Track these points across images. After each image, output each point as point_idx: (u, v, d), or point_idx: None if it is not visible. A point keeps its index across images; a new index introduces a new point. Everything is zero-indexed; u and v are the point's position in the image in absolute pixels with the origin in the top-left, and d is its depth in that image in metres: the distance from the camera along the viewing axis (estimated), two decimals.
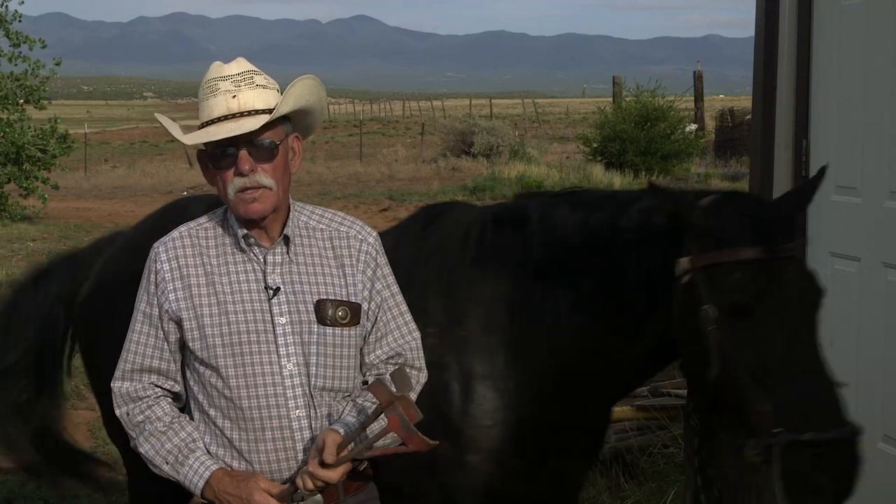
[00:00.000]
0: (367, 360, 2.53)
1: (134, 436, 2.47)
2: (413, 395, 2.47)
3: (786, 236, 2.42)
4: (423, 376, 2.59)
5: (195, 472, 2.38)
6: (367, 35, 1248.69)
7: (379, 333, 2.53)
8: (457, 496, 2.80)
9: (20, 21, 20.05)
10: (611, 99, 27.10)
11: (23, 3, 19.68)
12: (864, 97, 4.33)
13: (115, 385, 2.50)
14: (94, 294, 3.42)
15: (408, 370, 2.50)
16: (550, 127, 44.92)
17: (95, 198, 23.36)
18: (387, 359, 2.54)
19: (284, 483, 2.37)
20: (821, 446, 2.25)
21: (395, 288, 2.58)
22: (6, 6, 19.87)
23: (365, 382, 2.53)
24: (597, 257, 2.67)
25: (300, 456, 2.39)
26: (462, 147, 28.46)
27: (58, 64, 20.06)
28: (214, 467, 2.38)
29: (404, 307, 2.58)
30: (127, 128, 61.16)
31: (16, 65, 19.77)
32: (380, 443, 2.31)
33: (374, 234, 2.58)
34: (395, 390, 2.31)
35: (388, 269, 2.57)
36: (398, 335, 2.55)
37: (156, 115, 2.60)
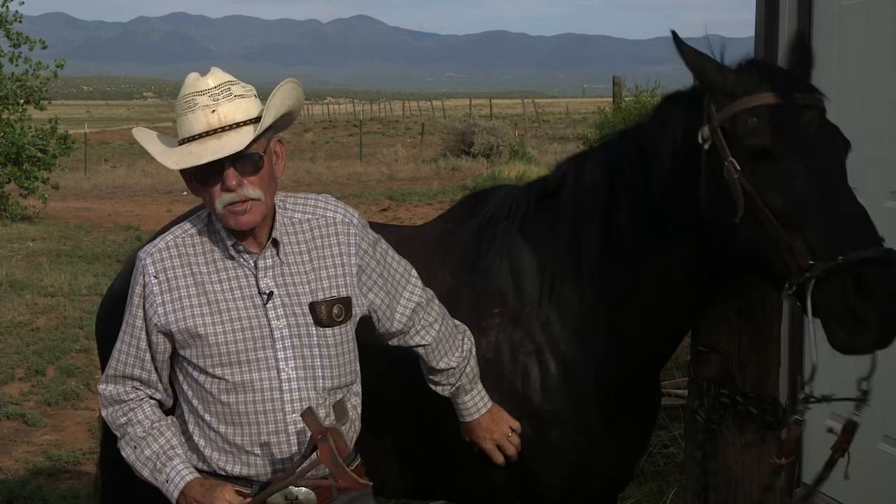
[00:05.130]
0: (392, 329, 2.62)
1: (119, 436, 2.52)
2: (440, 325, 2.64)
3: (803, 89, 2.45)
4: (435, 302, 2.69)
5: (171, 481, 2.41)
6: (367, 35, 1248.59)
7: (388, 301, 2.59)
8: (534, 484, 2.80)
9: (20, 22, 20.05)
10: (611, 99, 27.09)
11: (23, 3, 19.68)
12: (864, 97, 4.33)
13: (101, 387, 2.55)
14: (112, 295, 3.42)
15: (434, 312, 2.65)
16: (550, 127, 44.90)
17: (95, 198, 23.35)
18: (410, 315, 2.62)
19: (254, 496, 2.38)
20: (857, 267, 2.19)
21: (389, 257, 2.61)
22: (7, 7, 19.88)
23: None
24: (630, 180, 2.67)
25: (296, 458, 2.38)
26: (462, 147, 28.43)
27: (59, 66, 20.06)
28: (190, 477, 2.40)
29: (398, 266, 2.63)
30: (127, 128, 60.82)
31: (17, 65, 19.77)
32: (315, 472, 2.32)
33: (357, 214, 2.58)
34: (328, 422, 2.34)
35: (373, 240, 2.58)
36: (405, 293, 2.62)
37: (133, 132, 2.55)
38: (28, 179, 19.54)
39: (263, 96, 2.44)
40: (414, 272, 2.65)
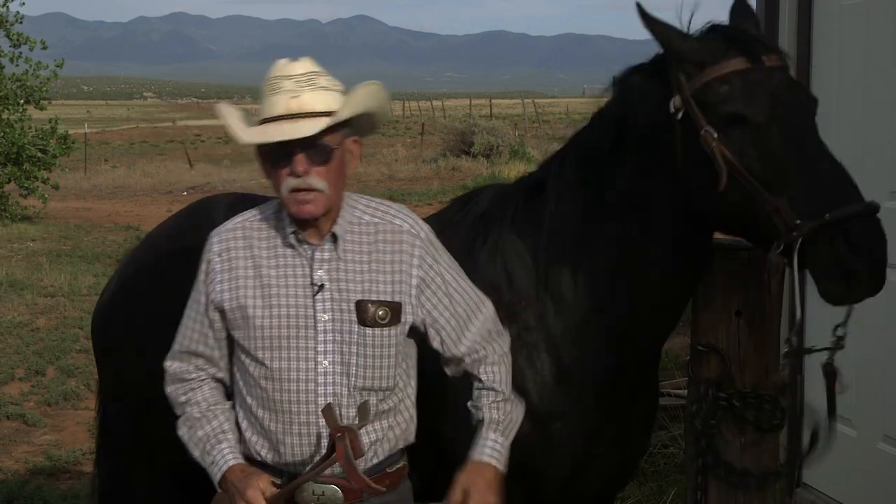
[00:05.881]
0: (456, 353, 2.55)
1: (178, 414, 2.57)
2: (506, 368, 2.57)
3: (767, 50, 2.49)
4: (505, 340, 2.62)
5: (216, 463, 2.46)
6: (367, 35, 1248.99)
7: (454, 323, 2.53)
8: (534, 481, 2.78)
9: (21, 23, 20.05)
10: None
11: (24, 4, 19.70)
12: (864, 97, 4.34)
13: (166, 364, 2.60)
14: (116, 294, 3.41)
15: (495, 338, 2.58)
16: (550, 127, 44.86)
17: (95, 198, 23.36)
18: (480, 340, 2.56)
19: (281, 486, 2.41)
20: (844, 223, 2.27)
21: (457, 283, 2.57)
22: (7, 7, 19.88)
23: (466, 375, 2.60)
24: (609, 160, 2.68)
25: (325, 452, 2.40)
26: (462, 147, 28.44)
27: (59, 66, 20.07)
28: (233, 462, 2.45)
29: (466, 284, 2.58)
30: (127, 128, 61.12)
31: (17, 65, 19.78)
32: (334, 470, 2.34)
33: (427, 227, 2.57)
34: (346, 421, 2.36)
35: (442, 258, 2.56)
36: (474, 318, 2.56)
37: (219, 105, 2.57)
38: (28, 179, 19.54)
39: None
40: (489, 304, 2.60)
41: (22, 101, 19.71)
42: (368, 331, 2.43)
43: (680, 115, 2.48)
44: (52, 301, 10.48)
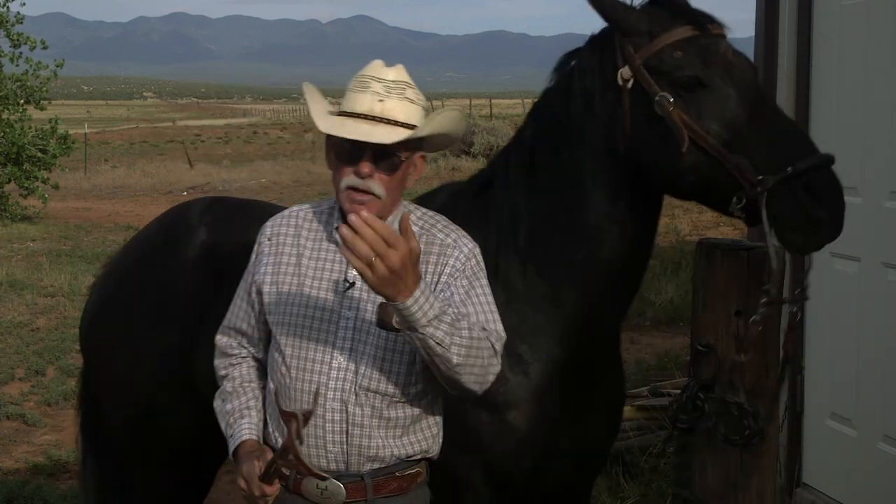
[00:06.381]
0: None
1: (218, 385, 2.65)
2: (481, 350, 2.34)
3: (710, 20, 2.60)
4: (493, 362, 2.41)
5: (233, 436, 2.51)
6: (367, 35, 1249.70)
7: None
8: (498, 471, 2.78)
9: (21, 23, 20.08)
10: None
11: (24, 4, 19.72)
12: (864, 97, 4.34)
13: (216, 338, 2.66)
14: (98, 301, 3.42)
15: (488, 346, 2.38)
16: None
17: (95, 198, 23.37)
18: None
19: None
20: (805, 175, 2.39)
21: (486, 294, 2.49)
22: (7, 7, 19.92)
23: None
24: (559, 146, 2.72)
25: (328, 446, 2.43)
26: (462, 147, 28.45)
27: (59, 66, 20.10)
28: (246, 437, 2.49)
29: (494, 313, 2.46)
30: (127, 128, 61.14)
31: (17, 65, 19.81)
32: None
33: (472, 244, 2.53)
34: (303, 406, 2.37)
35: (478, 282, 2.49)
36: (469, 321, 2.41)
37: (304, 84, 2.59)
38: (28, 179, 19.58)
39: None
40: (500, 339, 2.46)
41: (22, 101, 19.76)
42: (384, 333, 2.43)
43: (630, 86, 2.56)
44: (52, 301, 10.49)
